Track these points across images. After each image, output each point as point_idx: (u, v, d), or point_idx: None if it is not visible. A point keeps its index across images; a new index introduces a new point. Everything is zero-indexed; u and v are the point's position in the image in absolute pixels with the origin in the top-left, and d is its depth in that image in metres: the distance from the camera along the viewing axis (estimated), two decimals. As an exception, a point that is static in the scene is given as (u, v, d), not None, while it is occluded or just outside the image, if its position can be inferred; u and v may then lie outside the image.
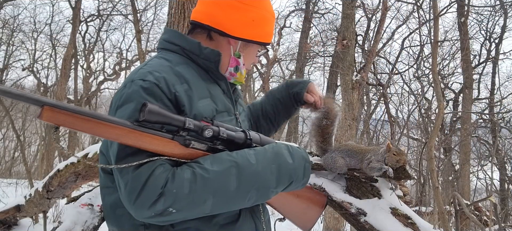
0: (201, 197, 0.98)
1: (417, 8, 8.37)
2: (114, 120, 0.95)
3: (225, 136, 1.07)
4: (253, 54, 1.30)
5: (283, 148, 1.16)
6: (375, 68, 9.66)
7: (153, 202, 0.95)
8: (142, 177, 0.95)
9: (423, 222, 2.50)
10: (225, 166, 1.02)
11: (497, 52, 10.73)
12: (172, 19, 2.90)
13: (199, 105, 1.10)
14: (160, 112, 0.97)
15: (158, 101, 1.03)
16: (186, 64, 1.17)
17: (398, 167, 2.46)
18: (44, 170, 10.89)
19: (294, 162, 1.14)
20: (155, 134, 0.99)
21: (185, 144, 1.02)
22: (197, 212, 1.01)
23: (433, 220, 5.17)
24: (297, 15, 13.66)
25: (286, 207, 1.28)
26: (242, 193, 1.04)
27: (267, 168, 1.08)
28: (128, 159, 0.98)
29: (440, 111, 4.60)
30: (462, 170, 9.12)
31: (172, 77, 1.09)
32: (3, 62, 13.54)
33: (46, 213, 3.82)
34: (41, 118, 0.87)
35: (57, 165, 4.37)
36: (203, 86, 1.15)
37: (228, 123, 1.17)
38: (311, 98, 1.53)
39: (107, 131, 0.94)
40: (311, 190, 1.33)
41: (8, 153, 16.42)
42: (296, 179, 1.15)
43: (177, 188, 0.96)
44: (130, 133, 0.96)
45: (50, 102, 0.88)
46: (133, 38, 15.65)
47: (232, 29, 1.21)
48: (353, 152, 2.61)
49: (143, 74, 1.08)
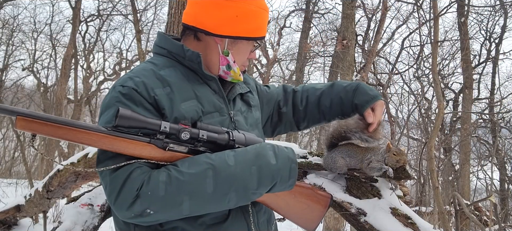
0: (176, 199, 1.00)
1: (417, 8, 8.36)
2: (87, 126, 0.99)
3: (205, 138, 1.08)
4: (244, 50, 1.26)
5: (267, 148, 1.13)
6: (375, 68, 9.66)
7: (130, 203, 0.98)
8: (119, 179, 0.99)
9: (423, 222, 2.51)
10: (201, 168, 1.02)
11: (497, 52, 10.72)
12: (172, 19, 2.91)
13: (181, 108, 1.11)
14: (132, 117, 1.00)
15: (138, 106, 1.06)
16: (173, 67, 1.19)
17: (398, 167, 2.46)
18: (44, 170, 10.89)
19: (277, 163, 1.10)
20: (130, 138, 1.01)
21: (163, 147, 1.04)
22: (174, 214, 1.02)
23: (433, 220, 5.17)
24: (297, 15, 13.67)
25: (284, 207, 1.25)
26: (219, 195, 1.03)
27: (247, 169, 1.06)
28: (108, 162, 1.02)
29: (440, 111, 4.59)
30: (462, 170, 9.12)
31: (152, 82, 1.11)
32: (3, 62, 13.53)
33: (46, 213, 3.82)
34: (16, 127, 0.92)
35: (57, 165, 4.37)
36: (188, 88, 1.16)
37: (219, 122, 1.17)
38: (370, 119, 1.46)
39: (81, 137, 0.98)
40: (311, 189, 1.29)
41: (8, 153, 16.42)
42: (280, 180, 1.11)
43: (152, 190, 0.98)
44: (104, 138, 0.99)
45: (22, 112, 0.92)
46: (133, 38, 15.67)
47: (215, 28, 1.20)
48: (353, 152, 2.61)
49: (124, 80, 1.11)
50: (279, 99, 1.53)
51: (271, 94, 1.52)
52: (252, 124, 1.32)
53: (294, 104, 1.54)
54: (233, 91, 1.30)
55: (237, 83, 1.33)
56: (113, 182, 1.00)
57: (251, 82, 1.45)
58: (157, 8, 14.94)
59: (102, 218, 2.96)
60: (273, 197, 1.19)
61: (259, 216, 1.23)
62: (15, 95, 14.08)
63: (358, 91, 1.47)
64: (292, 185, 1.15)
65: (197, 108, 1.15)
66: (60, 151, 11.50)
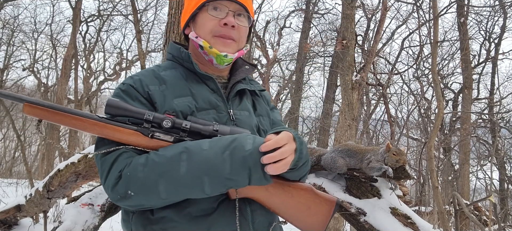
0: (152, 180, 1.04)
1: (417, 8, 8.38)
2: (81, 113, 1.11)
3: (188, 127, 1.11)
4: (202, 20, 1.25)
5: (247, 136, 1.09)
6: (374, 68, 9.66)
7: (114, 184, 1.07)
8: (108, 163, 1.09)
9: (423, 222, 2.51)
10: (177, 152, 1.06)
11: (497, 52, 10.74)
12: (172, 20, 2.90)
13: (174, 103, 1.17)
14: (119, 105, 1.11)
15: (134, 100, 1.16)
16: (174, 69, 1.26)
17: (398, 167, 2.47)
18: (45, 169, 10.91)
19: (252, 148, 1.05)
20: (117, 125, 1.10)
21: (149, 135, 1.11)
22: (153, 197, 1.06)
23: (433, 220, 5.17)
24: (297, 15, 13.68)
25: (281, 207, 1.18)
26: (191, 177, 1.04)
27: (219, 153, 1.05)
28: (101, 149, 1.11)
29: (439, 111, 4.60)
30: (461, 170, 9.13)
31: (149, 80, 1.21)
32: (4, 62, 13.55)
33: (47, 213, 3.83)
34: (23, 111, 1.10)
35: (57, 164, 4.38)
36: (184, 86, 1.21)
37: (216, 120, 1.19)
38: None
39: (75, 123, 1.10)
40: (311, 190, 1.20)
41: (9, 153, 16.44)
42: (254, 166, 1.05)
43: (131, 171, 1.05)
44: (94, 124, 1.10)
45: (28, 100, 1.09)
46: (133, 38, 15.71)
47: (182, 24, 1.32)
48: (353, 152, 2.62)
49: (127, 79, 1.23)
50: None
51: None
52: (253, 126, 1.27)
53: None
54: (234, 89, 1.28)
55: (242, 82, 1.31)
56: (103, 165, 1.10)
57: (267, 98, 1.43)
58: (157, 9, 15.00)
59: (102, 218, 2.97)
60: (266, 193, 1.15)
61: (255, 216, 1.17)
62: (15, 96, 14.06)
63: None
64: (266, 175, 1.07)
65: (190, 104, 1.18)
66: (61, 151, 11.51)
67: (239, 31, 1.26)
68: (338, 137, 6.76)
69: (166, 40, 2.95)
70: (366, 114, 11.59)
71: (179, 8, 2.88)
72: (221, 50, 1.24)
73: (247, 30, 1.31)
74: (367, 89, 11.18)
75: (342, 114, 7.09)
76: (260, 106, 1.35)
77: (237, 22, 1.25)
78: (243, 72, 1.33)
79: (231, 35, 1.25)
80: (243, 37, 1.29)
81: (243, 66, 1.36)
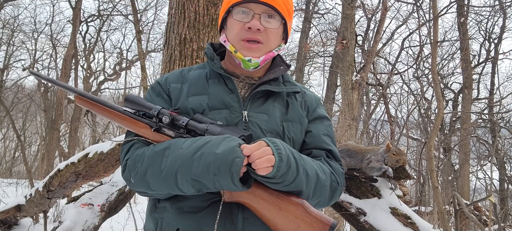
0: (142, 172, 1.12)
1: (417, 8, 8.37)
2: (111, 105, 1.25)
3: (183, 124, 1.15)
4: (231, 24, 1.25)
5: (224, 139, 1.04)
6: (374, 68, 9.67)
7: (122, 171, 1.19)
8: (123, 151, 1.22)
9: (423, 221, 2.51)
10: (163, 147, 1.12)
11: (497, 52, 10.73)
12: (172, 20, 2.90)
13: (188, 101, 1.23)
14: (134, 100, 1.23)
15: (158, 96, 1.27)
16: (202, 69, 1.33)
17: (398, 167, 2.47)
18: (45, 169, 10.91)
19: (219, 152, 1.01)
20: (131, 117, 1.22)
21: (156, 129, 1.18)
22: (145, 188, 1.13)
23: (433, 220, 5.17)
24: (297, 15, 13.66)
25: (270, 218, 1.08)
26: (168, 174, 1.07)
27: (191, 153, 1.04)
28: (125, 138, 1.25)
29: (439, 111, 4.61)
30: (461, 170, 9.13)
31: (174, 78, 1.31)
32: (4, 62, 13.54)
33: (47, 213, 3.83)
34: (75, 101, 1.31)
35: (57, 164, 4.37)
36: (203, 86, 1.26)
37: (227, 119, 1.18)
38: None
39: (107, 113, 1.25)
40: (301, 206, 1.08)
41: (9, 153, 16.45)
42: (219, 171, 1.00)
43: (131, 161, 1.15)
44: (117, 115, 1.23)
45: (78, 92, 1.28)
46: (133, 38, 15.69)
47: (218, 26, 1.37)
48: (353, 152, 2.62)
49: (159, 77, 1.35)
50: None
51: (311, 139, 1.30)
52: (271, 131, 1.20)
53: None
54: (256, 89, 1.23)
55: (270, 83, 1.26)
56: (121, 153, 1.23)
57: (309, 103, 1.33)
58: (157, 9, 14.99)
59: (102, 218, 2.97)
60: (256, 201, 1.08)
61: (246, 225, 1.11)
62: (15, 96, 14.07)
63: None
64: (234, 181, 1.00)
65: (203, 102, 1.21)
66: (61, 151, 11.51)
67: (267, 33, 1.22)
68: (338, 137, 6.76)
69: (166, 40, 2.94)
70: (366, 114, 11.59)
71: (179, 8, 2.87)
72: (245, 55, 1.22)
73: (277, 31, 1.26)
74: (367, 89, 11.20)
75: (342, 114, 7.09)
76: (293, 111, 1.27)
77: (264, 25, 1.21)
78: (276, 72, 1.28)
79: (257, 38, 1.22)
80: (272, 39, 1.24)
81: (279, 66, 1.31)
